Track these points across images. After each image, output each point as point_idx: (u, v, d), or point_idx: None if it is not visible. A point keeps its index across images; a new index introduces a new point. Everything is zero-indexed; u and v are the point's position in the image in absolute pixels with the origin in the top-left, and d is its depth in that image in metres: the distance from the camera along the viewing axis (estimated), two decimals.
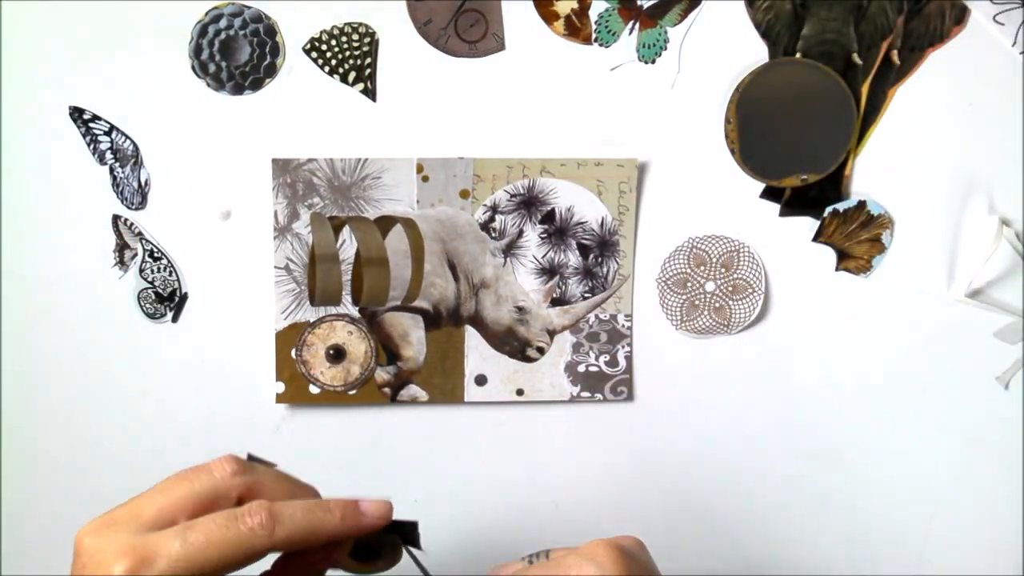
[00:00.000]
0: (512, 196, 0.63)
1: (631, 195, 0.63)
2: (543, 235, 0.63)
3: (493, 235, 0.63)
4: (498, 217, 0.63)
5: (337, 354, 0.64)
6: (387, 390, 0.65)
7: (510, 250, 0.63)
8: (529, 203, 0.63)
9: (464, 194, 0.63)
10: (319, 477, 0.63)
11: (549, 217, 0.63)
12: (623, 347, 0.65)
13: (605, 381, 0.65)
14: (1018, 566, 0.67)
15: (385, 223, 0.63)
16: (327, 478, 0.64)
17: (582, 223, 0.63)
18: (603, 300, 0.64)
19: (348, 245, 0.63)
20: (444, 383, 0.65)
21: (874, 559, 0.67)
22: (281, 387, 0.64)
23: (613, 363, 0.65)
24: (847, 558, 0.67)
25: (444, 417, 0.65)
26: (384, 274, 0.63)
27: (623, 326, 0.64)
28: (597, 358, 0.65)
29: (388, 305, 0.64)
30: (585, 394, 0.65)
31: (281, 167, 0.62)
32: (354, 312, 0.64)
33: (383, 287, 0.63)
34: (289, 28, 0.61)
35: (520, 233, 0.63)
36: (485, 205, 0.63)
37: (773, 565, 0.67)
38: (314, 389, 0.64)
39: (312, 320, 0.63)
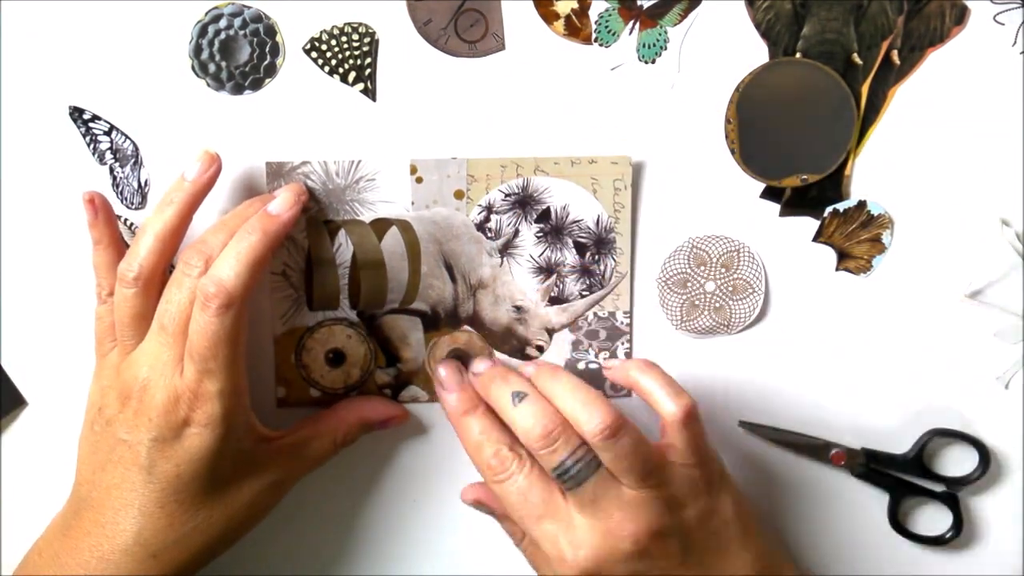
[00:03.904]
0: (507, 196, 0.63)
1: (626, 192, 0.63)
2: (539, 234, 0.63)
3: (489, 235, 0.63)
4: (493, 217, 0.63)
5: (336, 358, 0.64)
6: (387, 391, 0.65)
7: (506, 250, 0.63)
8: (524, 202, 0.63)
9: (459, 195, 0.63)
10: (318, 477, 0.63)
11: (544, 216, 0.63)
12: (622, 344, 0.65)
13: (605, 378, 0.65)
14: (1018, 566, 0.67)
15: (380, 225, 0.63)
16: (327, 479, 0.64)
17: (578, 221, 0.63)
18: (601, 298, 0.64)
19: (344, 249, 0.63)
20: None
21: (873, 559, 0.67)
22: (282, 391, 0.64)
23: (613, 359, 0.65)
24: (847, 558, 0.67)
25: (444, 417, 0.65)
26: (381, 277, 0.63)
27: (622, 323, 0.64)
28: (597, 355, 0.65)
29: (386, 308, 0.64)
30: None
31: (275, 171, 0.62)
32: (352, 316, 0.64)
33: (381, 290, 0.63)
34: (289, 28, 0.61)
35: (516, 233, 0.63)
36: (480, 205, 0.63)
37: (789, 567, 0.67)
38: (315, 392, 0.64)
39: (310, 325, 0.64)
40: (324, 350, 0.64)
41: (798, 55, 0.62)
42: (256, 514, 0.59)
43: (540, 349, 0.65)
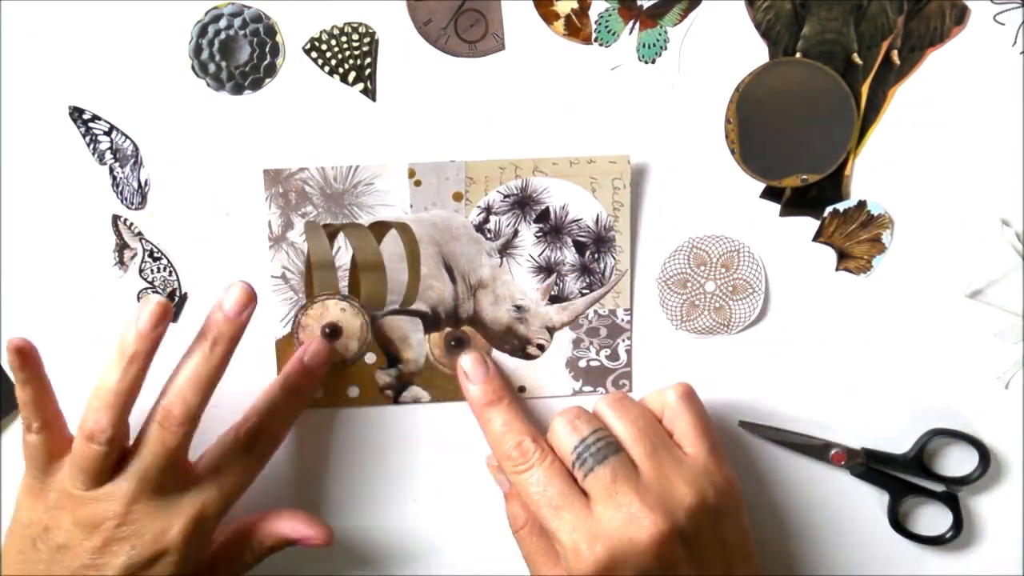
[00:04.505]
0: (506, 197, 0.63)
1: (625, 191, 0.63)
2: (538, 234, 0.63)
3: (488, 236, 0.63)
4: (492, 218, 0.63)
5: (333, 332, 0.64)
6: (389, 392, 0.65)
7: (506, 250, 0.63)
8: (523, 203, 0.63)
9: (457, 197, 0.63)
10: (322, 479, 0.63)
11: (544, 216, 0.63)
12: (623, 341, 0.65)
13: (607, 375, 0.65)
14: (1018, 566, 0.67)
15: (379, 228, 0.63)
16: (330, 480, 0.64)
17: (577, 220, 0.63)
18: (601, 295, 0.64)
19: (343, 252, 0.63)
20: (445, 384, 0.65)
21: (871, 559, 0.67)
22: None
23: (614, 357, 0.65)
24: (847, 558, 0.67)
25: (446, 417, 0.65)
26: (381, 279, 0.63)
27: (622, 320, 0.64)
28: (598, 352, 0.65)
29: (386, 309, 0.64)
30: (587, 389, 0.65)
31: (272, 177, 0.62)
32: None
33: (380, 292, 0.64)
34: (289, 28, 0.61)
35: (515, 233, 0.63)
36: (479, 207, 0.63)
37: (771, 565, 0.67)
38: (317, 392, 0.64)
39: (303, 301, 0.64)
40: (320, 326, 0.64)
41: (798, 55, 0.62)
42: None
43: (541, 348, 0.65)
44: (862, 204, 0.64)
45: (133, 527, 0.56)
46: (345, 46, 0.61)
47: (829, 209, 0.64)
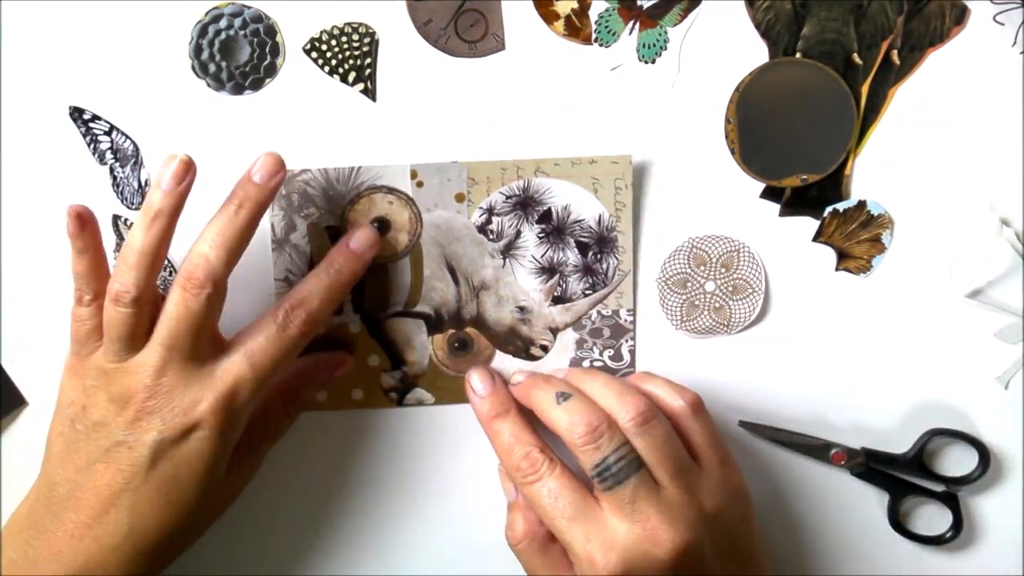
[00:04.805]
0: (508, 198, 0.63)
1: (627, 191, 0.63)
2: (541, 235, 0.63)
3: (491, 237, 0.63)
4: (495, 219, 0.63)
5: (382, 226, 0.62)
6: (393, 395, 0.65)
7: (508, 251, 0.63)
8: (525, 204, 0.63)
9: (459, 198, 0.63)
10: (326, 481, 0.63)
11: (546, 217, 0.63)
12: (626, 341, 0.65)
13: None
14: (1018, 566, 0.67)
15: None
16: (334, 482, 0.64)
17: (579, 221, 0.63)
18: (604, 296, 0.64)
19: None
20: (449, 385, 0.65)
21: (871, 559, 0.67)
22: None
23: (617, 357, 0.65)
24: (847, 558, 0.67)
25: (451, 418, 0.65)
26: (384, 280, 0.63)
27: (626, 320, 0.64)
28: (601, 353, 0.65)
29: (390, 311, 0.64)
30: None
31: None
32: (356, 320, 0.64)
33: (383, 294, 0.63)
34: (289, 28, 0.61)
35: (518, 234, 0.63)
36: (481, 208, 0.63)
37: (770, 564, 0.67)
38: (321, 396, 0.64)
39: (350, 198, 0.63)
40: (368, 220, 0.63)
41: (798, 55, 0.62)
42: (231, 499, 0.61)
43: (544, 349, 0.65)
44: (862, 204, 0.64)
45: (162, 399, 0.54)
46: (345, 46, 0.61)
47: (829, 209, 0.64)
